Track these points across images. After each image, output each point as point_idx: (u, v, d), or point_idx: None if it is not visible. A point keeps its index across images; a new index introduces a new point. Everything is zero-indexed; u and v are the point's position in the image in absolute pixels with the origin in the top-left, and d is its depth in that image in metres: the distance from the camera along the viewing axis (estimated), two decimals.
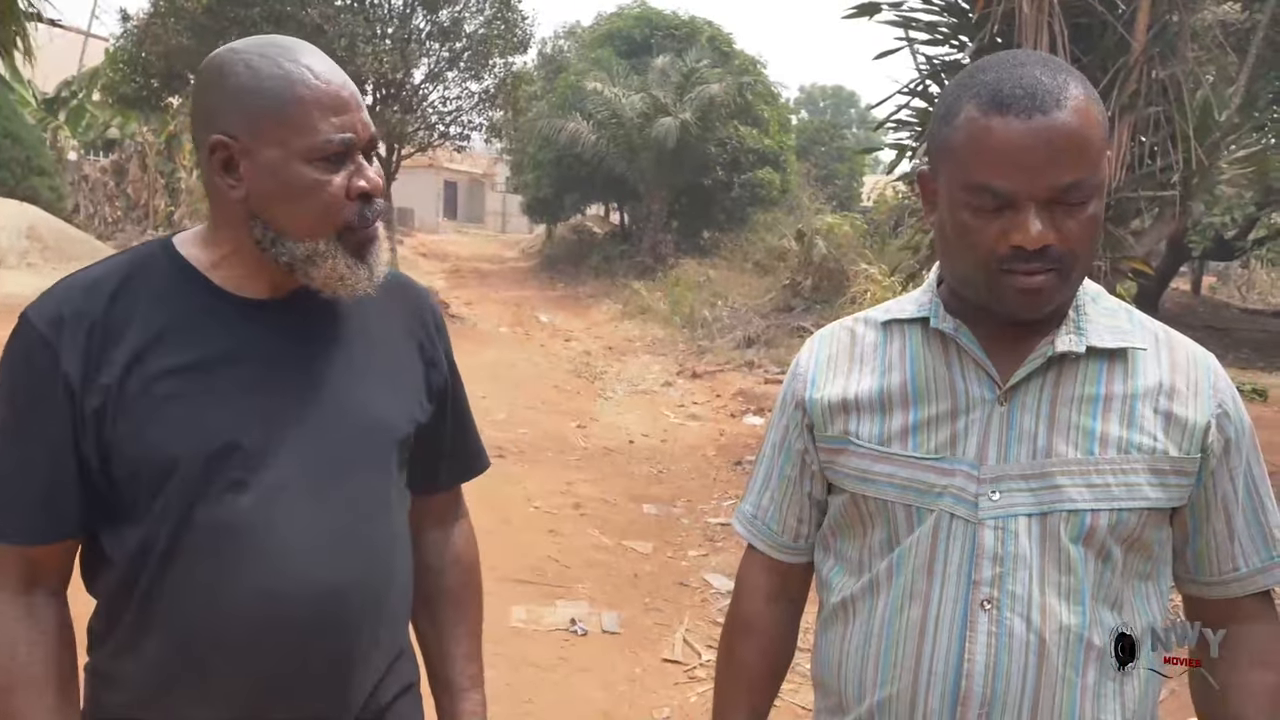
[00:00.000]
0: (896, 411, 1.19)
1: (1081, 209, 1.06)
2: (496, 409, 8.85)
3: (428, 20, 15.67)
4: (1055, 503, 1.11)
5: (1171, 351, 1.17)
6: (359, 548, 1.20)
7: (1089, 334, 1.14)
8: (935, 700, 1.13)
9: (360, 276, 1.18)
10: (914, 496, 1.16)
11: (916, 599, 1.15)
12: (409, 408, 1.30)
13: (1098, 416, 1.12)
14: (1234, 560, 1.18)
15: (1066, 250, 1.07)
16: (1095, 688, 1.11)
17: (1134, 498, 1.11)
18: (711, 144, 21.50)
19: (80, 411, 1.11)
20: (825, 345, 1.30)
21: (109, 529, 1.16)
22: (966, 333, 1.16)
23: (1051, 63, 1.09)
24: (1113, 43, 7.47)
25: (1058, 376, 1.14)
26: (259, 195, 1.14)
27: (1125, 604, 1.14)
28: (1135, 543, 1.13)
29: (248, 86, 1.12)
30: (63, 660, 1.17)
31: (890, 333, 1.24)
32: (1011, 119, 1.04)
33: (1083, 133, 1.04)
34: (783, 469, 1.32)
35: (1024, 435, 1.13)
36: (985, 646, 1.11)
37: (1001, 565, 1.11)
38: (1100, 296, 1.19)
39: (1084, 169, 1.05)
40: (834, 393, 1.24)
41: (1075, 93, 1.05)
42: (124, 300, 1.14)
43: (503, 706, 3.58)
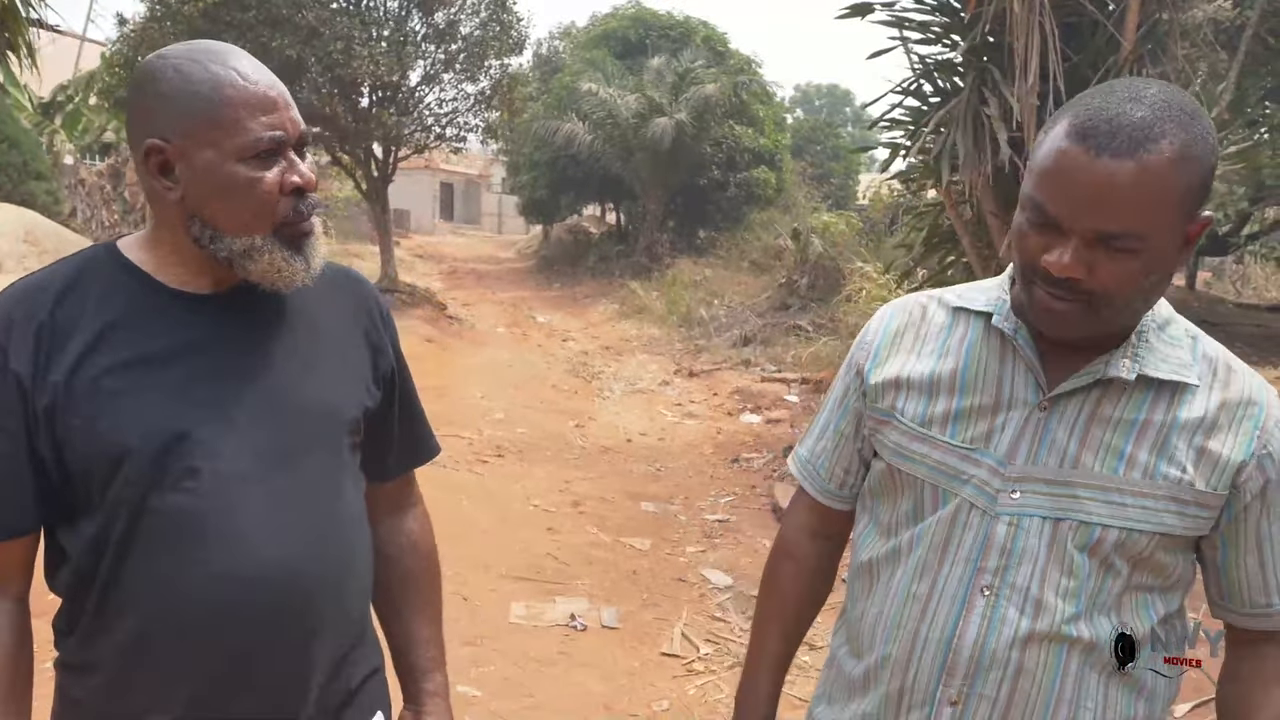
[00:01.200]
0: (942, 396, 1.25)
1: (1126, 257, 1.06)
2: (495, 408, 8.90)
3: (423, 22, 15.68)
4: (1069, 511, 1.16)
5: (1226, 387, 1.18)
6: (314, 530, 1.24)
7: (1145, 362, 1.17)
8: (927, 665, 1.22)
9: (297, 269, 1.22)
10: (942, 479, 1.24)
11: (927, 573, 1.23)
12: (356, 393, 1.34)
13: (1131, 440, 1.16)
14: (1267, 596, 1.21)
15: (1097, 288, 1.09)
16: (1077, 677, 1.18)
17: (1148, 521, 1.15)
18: (707, 144, 21.53)
19: (32, 409, 1.15)
20: (896, 317, 1.35)
21: (65, 524, 1.20)
22: (1025, 335, 1.21)
23: (1168, 105, 1.06)
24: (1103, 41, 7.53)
25: (1102, 396, 1.17)
26: (195, 195, 1.18)
27: (1125, 611, 1.19)
28: (1143, 561, 1.17)
29: (178, 91, 1.16)
30: (17, 668, 1.21)
31: (957, 319, 1.30)
32: (1083, 151, 1.05)
33: (1145, 188, 1.03)
34: (839, 424, 1.41)
35: (1055, 444, 1.18)
36: (977, 627, 1.19)
37: (1007, 558, 1.18)
38: (1169, 325, 1.21)
39: (1133, 223, 1.04)
40: (890, 369, 1.31)
41: (1165, 147, 1.03)
42: (70, 301, 1.18)
43: (504, 701, 3.63)
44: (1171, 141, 1.04)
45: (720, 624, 4.55)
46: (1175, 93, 1.10)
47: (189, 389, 1.19)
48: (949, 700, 1.20)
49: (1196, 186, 1.06)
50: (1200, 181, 1.06)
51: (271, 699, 1.23)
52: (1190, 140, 1.04)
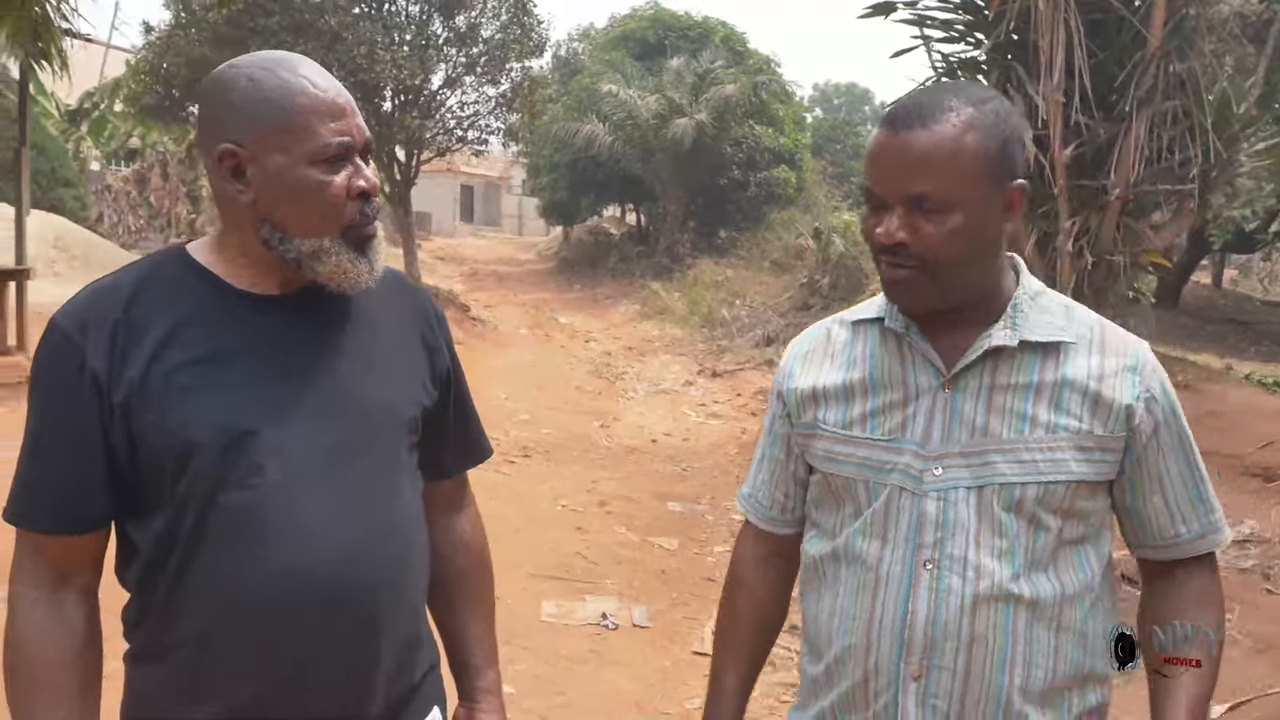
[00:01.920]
0: (857, 400, 1.36)
1: (940, 218, 1.21)
2: (520, 409, 8.94)
3: (445, 26, 15.78)
4: (989, 477, 1.26)
5: (1104, 343, 1.30)
6: (375, 527, 1.26)
7: (1023, 330, 1.28)
8: (886, 648, 1.29)
9: (362, 270, 1.26)
10: (871, 473, 1.33)
11: (871, 561, 1.31)
12: (414, 392, 1.37)
13: (1029, 401, 1.27)
14: (1174, 528, 1.32)
15: (926, 252, 1.23)
16: (1027, 635, 1.26)
17: (1059, 472, 1.25)
18: (727, 144, 21.53)
19: (108, 405, 1.18)
20: (803, 343, 1.48)
21: (135, 518, 1.23)
22: (915, 330, 1.32)
23: (959, 91, 1.25)
24: (1129, 38, 7.48)
25: (995, 366, 1.29)
26: (266, 198, 1.22)
27: (1061, 565, 1.28)
28: (1067, 511, 1.27)
29: (251, 98, 1.20)
30: (88, 660, 1.24)
31: (857, 331, 1.41)
32: (888, 132, 1.24)
33: (940, 151, 1.20)
34: (771, 451, 1.50)
35: (964, 418, 1.28)
36: (926, 601, 1.27)
37: (942, 530, 1.27)
38: (1040, 295, 1.34)
39: (936, 183, 1.20)
40: (806, 385, 1.42)
41: (952, 118, 1.21)
42: (142, 301, 1.21)
43: (536, 699, 3.66)
44: (959, 114, 1.21)
45: None
46: (973, 85, 1.31)
47: (255, 387, 1.22)
48: (912, 676, 1.27)
49: (994, 155, 1.21)
50: (997, 151, 1.22)
51: (338, 695, 1.26)
52: (978, 114, 1.22)
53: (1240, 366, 9.95)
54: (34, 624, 1.21)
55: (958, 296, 1.28)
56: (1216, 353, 10.92)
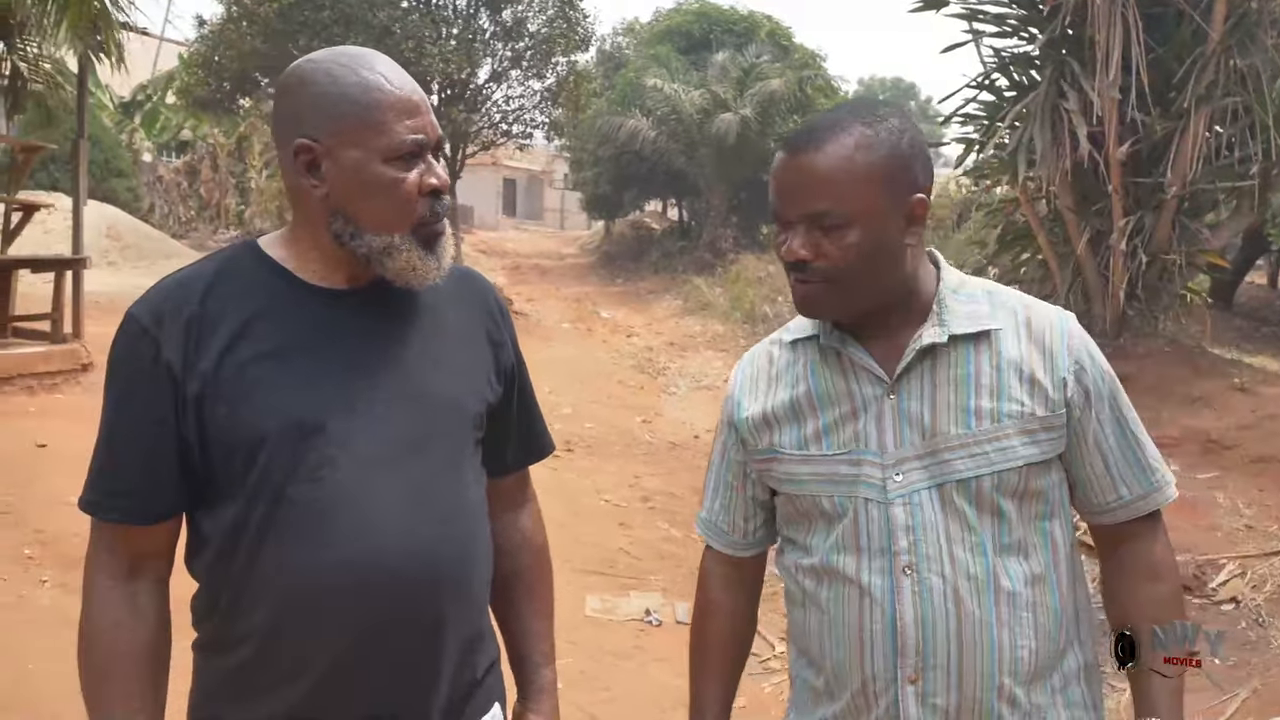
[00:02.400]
0: (809, 419, 1.38)
1: (839, 234, 1.26)
2: (563, 403, 8.96)
3: (492, 20, 15.84)
4: (946, 475, 1.29)
5: (1030, 322, 1.34)
6: (440, 521, 1.27)
7: (950, 324, 1.32)
8: (880, 656, 1.31)
9: (430, 267, 1.26)
10: (834, 488, 1.35)
11: (850, 574, 1.33)
12: (480, 388, 1.38)
13: (971, 394, 1.30)
14: (1116, 491, 1.36)
15: (829, 267, 1.28)
16: (1009, 621, 1.29)
17: (1009, 459, 1.29)
18: (771, 139, 21.38)
19: (181, 396, 1.20)
20: (747, 368, 1.50)
21: (206, 509, 1.25)
22: (851, 342, 1.35)
23: (854, 111, 1.30)
24: (1189, 33, 7.33)
25: (933, 364, 1.32)
26: (340, 193, 1.23)
27: (1030, 548, 1.32)
28: (1024, 494, 1.31)
29: (329, 93, 1.21)
30: (159, 650, 1.25)
31: (797, 351, 1.44)
32: (786, 156, 1.30)
33: (834, 171, 1.25)
34: (725, 477, 1.52)
35: (914, 420, 1.31)
36: (912, 605, 1.29)
37: (913, 534, 1.30)
38: (962, 286, 1.37)
39: (831, 200, 1.25)
40: (756, 411, 1.43)
41: (843, 138, 1.26)
42: (216, 295, 1.23)
43: (582, 693, 3.66)
44: (851, 133, 1.26)
45: None
46: (871, 103, 1.35)
47: (324, 380, 1.23)
48: (908, 680, 1.30)
49: (887, 170, 1.26)
50: (890, 166, 1.26)
51: (402, 689, 1.26)
52: (870, 132, 1.26)
53: None
54: (109, 614, 1.23)
55: (866, 304, 1.32)
56: (1273, 354, 10.68)
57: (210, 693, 1.29)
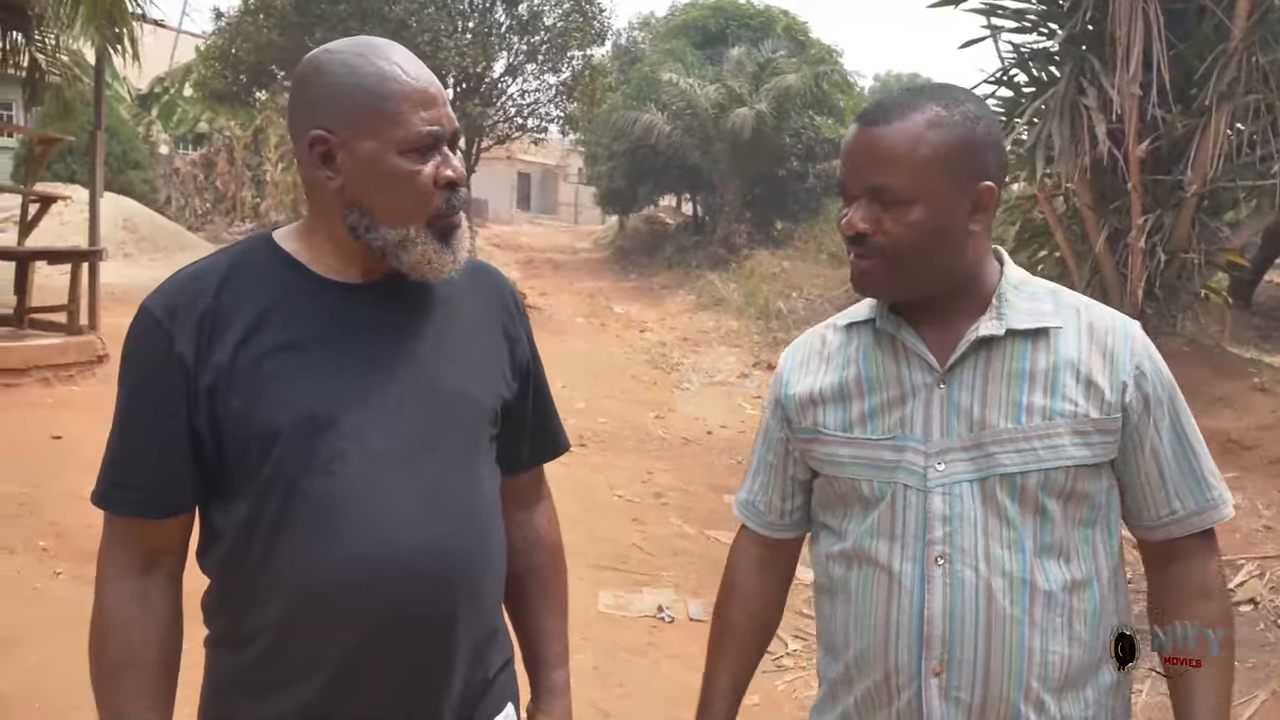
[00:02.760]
0: (855, 401, 1.37)
1: (901, 211, 1.25)
2: (576, 398, 8.96)
3: (507, 14, 15.82)
4: (990, 468, 1.27)
5: (1092, 323, 1.31)
6: (454, 517, 1.26)
7: (1009, 318, 1.30)
8: (904, 646, 1.29)
9: (446, 260, 1.25)
10: (875, 473, 1.33)
11: (882, 561, 1.32)
12: (495, 384, 1.36)
13: (1025, 389, 1.28)
14: (1169, 504, 1.32)
15: (888, 244, 1.26)
16: (1042, 623, 1.26)
17: (1059, 458, 1.26)
18: (786, 134, 21.33)
19: (194, 389, 1.19)
20: (799, 349, 1.50)
21: (218, 504, 1.24)
22: (907, 329, 1.34)
23: (933, 92, 1.29)
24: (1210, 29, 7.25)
25: (988, 357, 1.30)
26: (356, 185, 1.21)
27: (1071, 552, 1.28)
28: (1070, 495, 1.27)
29: (345, 84, 1.19)
30: (170, 646, 1.25)
31: (850, 334, 1.43)
32: (858, 128, 1.29)
33: (901, 146, 1.24)
34: (766, 457, 1.52)
35: (962, 411, 1.29)
36: (941, 596, 1.27)
37: (950, 525, 1.27)
38: (1025, 284, 1.35)
39: (895, 176, 1.24)
40: (804, 390, 1.43)
41: (916, 115, 1.25)
42: (231, 288, 1.22)
43: (595, 689, 3.66)
44: (924, 112, 1.25)
45: (807, 619, 4.50)
46: (952, 87, 1.32)
47: (338, 374, 1.22)
48: (933, 672, 1.27)
49: (956, 152, 1.24)
50: (960, 149, 1.24)
51: (414, 687, 1.25)
52: (945, 113, 1.25)
53: None
54: (121, 610, 1.22)
55: (923, 286, 1.31)
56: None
57: (222, 689, 1.29)
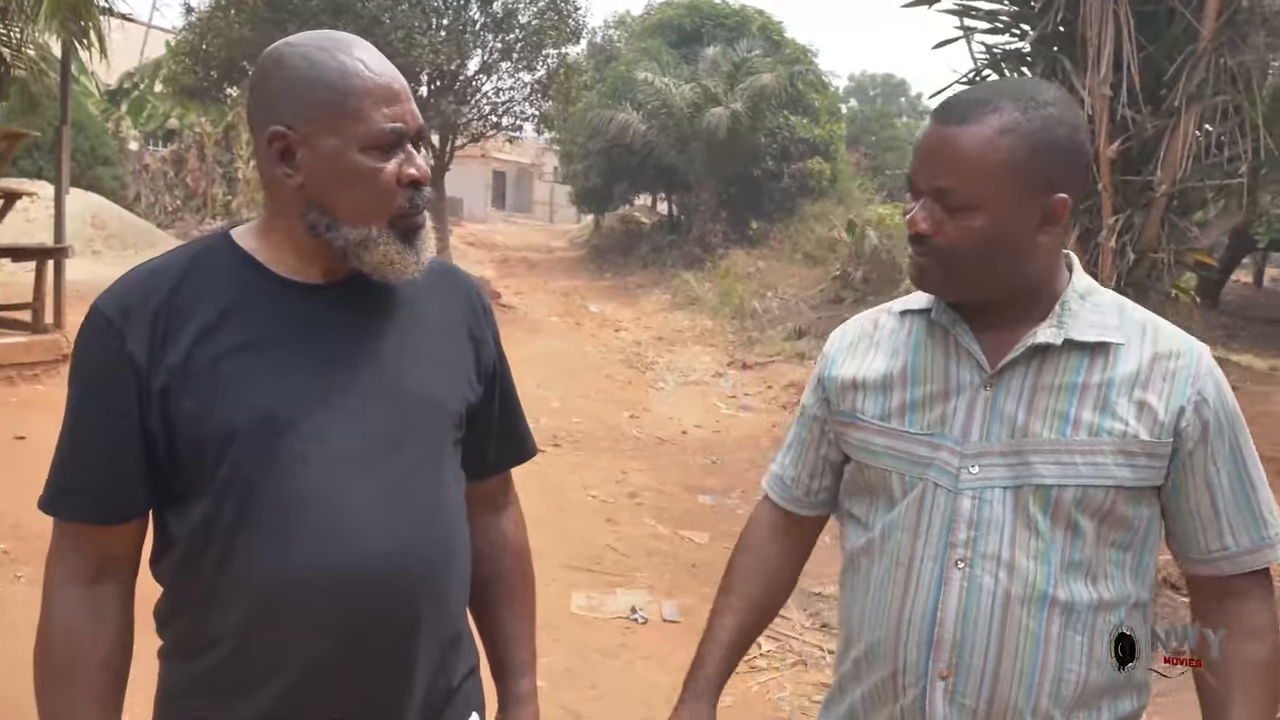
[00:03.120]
0: (897, 391, 1.34)
1: (964, 216, 1.20)
2: (551, 398, 8.92)
3: (482, 11, 15.75)
4: (1026, 477, 1.23)
5: (1156, 343, 1.26)
6: (417, 521, 1.23)
7: (1069, 328, 1.25)
8: (914, 644, 1.27)
9: (409, 261, 1.22)
10: (907, 466, 1.31)
11: (902, 557, 1.30)
12: (460, 386, 1.33)
13: (1074, 403, 1.23)
14: (1221, 540, 1.26)
15: (946, 246, 1.22)
16: (1060, 640, 1.22)
17: (1100, 476, 1.21)
18: (761, 134, 21.37)
19: (146, 390, 1.15)
20: (850, 330, 1.47)
21: (173, 507, 1.20)
22: (962, 324, 1.30)
23: (1015, 91, 1.22)
24: (1180, 30, 7.31)
25: (1040, 365, 1.25)
26: (316, 182, 1.18)
27: (1100, 573, 1.24)
28: (1106, 517, 1.23)
29: (306, 78, 1.16)
30: (120, 659, 1.21)
31: (904, 321, 1.39)
32: (932, 123, 1.24)
33: (970, 150, 1.19)
34: (801, 433, 1.50)
35: (1005, 417, 1.25)
36: (957, 599, 1.25)
37: (975, 529, 1.25)
38: (1091, 294, 1.30)
39: (960, 180, 1.19)
40: (848, 373, 1.40)
41: (993, 119, 1.19)
42: (187, 286, 1.19)
43: (568, 691, 3.64)
44: (1001, 114, 1.19)
45: (781, 620, 4.51)
46: (1039, 85, 1.25)
47: (298, 375, 1.19)
48: (940, 675, 1.25)
49: (1029, 162, 1.18)
50: (1033, 158, 1.18)
51: (375, 695, 1.23)
52: (1023, 119, 1.19)
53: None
54: (69, 619, 1.19)
55: (982, 292, 1.27)
56: (1258, 353, 10.72)
57: (178, 697, 1.25)
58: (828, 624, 4.45)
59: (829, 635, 4.35)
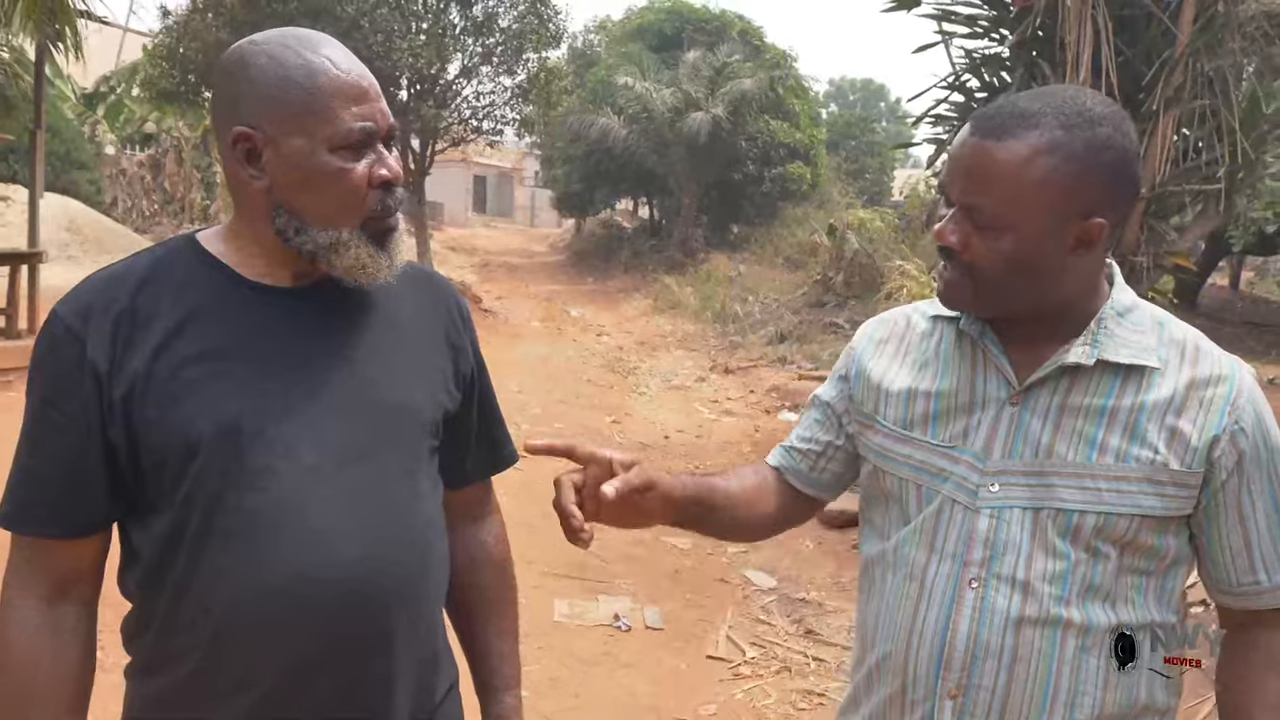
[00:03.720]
0: (920, 399, 1.30)
1: (992, 235, 1.16)
2: (532, 403, 8.87)
3: (462, 15, 15.69)
4: (1047, 500, 1.19)
5: (1195, 366, 1.20)
6: (390, 530, 1.20)
7: (1104, 348, 1.20)
8: (924, 661, 1.24)
9: (381, 264, 1.19)
10: (925, 478, 1.27)
11: (917, 571, 1.26)
12: (437, 394, 1.30)
13: (1102, 426, 1.18)
14: (1254, 574, 1.22)
15: (972, 264, 1.18)
16: (1075, 664, 1.19)
17: (1124, 504, 1.17)
18: (742, 138, 21.41)
19: (108, 399, 1.12)
20: (881, 326, 1.43)
21: (137, 520, 1.17)
22: (991, 336, 1.26)
23: (1061, 107, 1.14)
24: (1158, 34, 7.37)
25: (1070, 385, 1.21)
26: (283, 185, 1.15)
27: (1120, 599, 1.20)
28: (1129, 545, 1.19)
29: (271, 78, 1.12)
30: (82, 680, 1.18)
31: (935, 326, 1.35)
32: (970, 133, 1.17)
33: (1004, 169, 1.13)
34: (816, 416, 1.46)
35: (1029, 435, 1.21)
36: (969, 619, 1.21)
37: (991, 549, 1.21)
38: (1131, 312, 1.24)
39: (992, 199, 1.14)
40: (875, 373, 1.36)
41: (1032, 137, 1.13)
42: (149, 291, 1.15)
43: (550, 700, 3.60)
44: (1042, 134, 1.12)
45: (765, 627, 4.49)
46: (1093, 98, 1.17)
47: (266, 383, 1.15)
48: (948, 694, 1.22)
49: (1065, 185, 1.12)
50: (1071, 182, 1.12)
51: (354, 709, 1.19)
52: (1065, 138, 1.12)
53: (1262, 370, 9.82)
54: (28, 638, 1.14)
55: (1009, 311, 1.23)
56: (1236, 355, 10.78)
57: (145, 714, 1.21)
58: (812, 630, 4.43)
59: (814, 642, 4.33)
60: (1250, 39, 7.47)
